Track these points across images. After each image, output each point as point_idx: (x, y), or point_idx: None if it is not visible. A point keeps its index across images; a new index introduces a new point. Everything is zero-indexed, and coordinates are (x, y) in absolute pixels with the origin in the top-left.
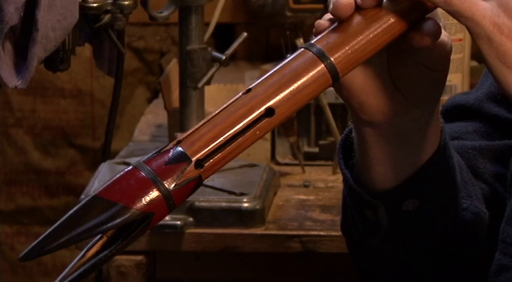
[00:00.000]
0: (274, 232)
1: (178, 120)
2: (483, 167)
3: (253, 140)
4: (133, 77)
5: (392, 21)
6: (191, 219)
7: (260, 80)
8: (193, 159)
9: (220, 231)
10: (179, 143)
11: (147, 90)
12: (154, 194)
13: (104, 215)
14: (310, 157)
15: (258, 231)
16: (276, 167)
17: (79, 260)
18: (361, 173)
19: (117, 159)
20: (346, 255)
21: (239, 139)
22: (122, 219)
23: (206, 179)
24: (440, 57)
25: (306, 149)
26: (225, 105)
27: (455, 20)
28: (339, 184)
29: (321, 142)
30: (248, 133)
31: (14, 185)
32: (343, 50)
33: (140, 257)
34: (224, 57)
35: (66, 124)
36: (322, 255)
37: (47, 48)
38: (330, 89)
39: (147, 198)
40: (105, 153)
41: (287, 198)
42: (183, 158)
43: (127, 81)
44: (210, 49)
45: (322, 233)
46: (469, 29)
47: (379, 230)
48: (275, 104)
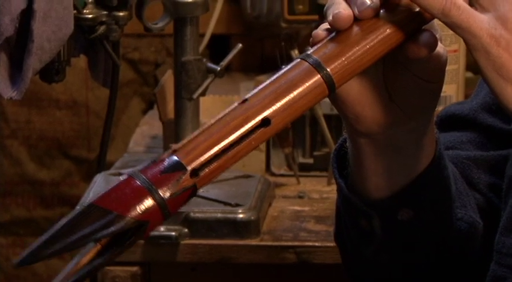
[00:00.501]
0: (269, 243)
1: (174, 131)
2: (477, 177)
3: (249, 150)
4: (128, 88)
5: (389, 32)
6: (186, 230)
7: (256, 90)
8: (189, 168)
9: (215, 242)
10: (175, 152)
11: (142, 101)
12: (149, 202)
13: (99, 222)
14: (305, 168)
15: (253, 242)
16: (271, 178)
17: (72, 267)
18: (355, 183)
19: (112, 171)
20: (340, 266)
21: (235, 149)
22: (117, 227)
23: (201, 189)
24: (436, 68)
25: (301, 160)
26: (221, 115)
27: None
28: (333, 195)
29: (315, 153)
30: (244, 143)
31: (9, 196)
32: (340, 61)
33: (135, 268)
34: (219, 69)
35: (61, 135)
36: (317, 266)
37: (42, 59)
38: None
39: (142, 207)
40: (100, 164)
41: (282, 209)
42: (179, 167)
43: (122, 92)
44: (205, 60)
45: (317, 244)
46: (465, 41)
47: (373, 239)
48: (271, 115)
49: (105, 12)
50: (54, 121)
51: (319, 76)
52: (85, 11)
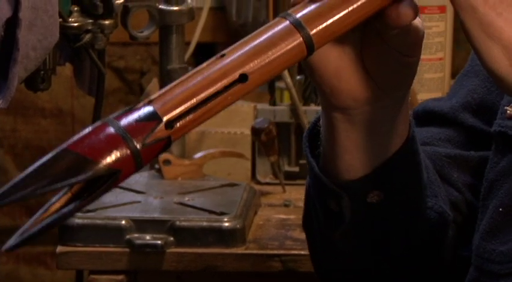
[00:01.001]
0: (254, 251)
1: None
2: (457, 176)
3: (225, 105)
4: (113, 96)
5: None
6: (172, 238)
7: (235, 46)
8: (164, 119)
9: (201, 250)
10: (151, 102)
11: None
12: (123, 150)
13: (71, 168)
14: (290, 176)
15: (239, 250)
16: (257, 187)
17: (41, 213)
18: (327, 162)
19: None
20: None
21: (211, 102)
22: (89, 173)
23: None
24: (413, 42)
25: (287, 168)
26: (199, 68)
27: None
28: None
29: (301, 161)
30: (220, 97)
31: None
32: (320, 22)
33: (121, 277)
34: None
35: (47, 144)
36: (303, 274)
37: (27, 67)
38: (309, 110)
39: (116, 154)
40: None
41: (268, 217)
42: (154, 116)
43: (107, 100)
44: (190, 68)
45: (302, 252)
46: (453, 1)
47: (342, 222)
48: (248, 70)
49: (90, 20)
50: (40, 130)
51: (299, 35)
52: (70, 20)
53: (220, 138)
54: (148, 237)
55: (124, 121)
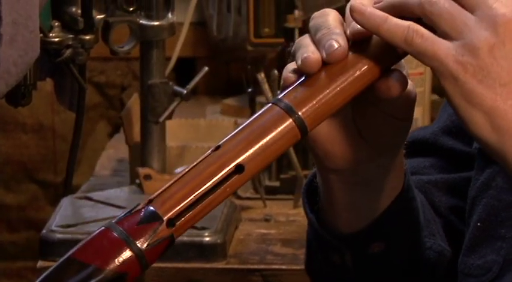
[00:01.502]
0: (235, 266)
1: (140, 154)
2: (438, 200)
3: (224, 197)
4: (94, 111)
5: (358, 73)
6: None
7: (229, 137)
8: (165, 218)
9: (181, 265)
10: (150, 202)
11: (108, 124)
12: (127, 254)
13: (78, 276)
14: (271, 191)
15: (220, 265)
16: (237, 201)
17: None
18: (326, 218)
19: (78, 194)
20: None
21: (210, 197)
22: (96, 280)
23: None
24: (405, 106)
25: (267, 183)
26: (195, 162)
27: None
28: (300, 218)
29: (282, 176)
30: (219, 190)
31: None
32: (311, 104)
33: None
34: (185, 92)
35: (27, 159)
36: None
37: (8, 83)
38: None
39: (120, 259)
40: (67, 188)
41: (248, 232)
42: (155, 217)
43: (88, 115)
44: (171, 83)
45: (283, 267)
46: (433, 68)
47: (345, 272)
48: (244, 161)
49: (71, 35)
50: (21, 145)
51: (291, 120)
52: (51, 35)
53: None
54: None
55: (126, 225)
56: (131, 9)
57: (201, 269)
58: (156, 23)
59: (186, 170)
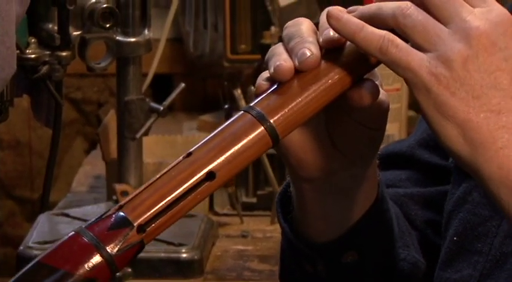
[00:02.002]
0: None
1: (117, 171)
2: (414, 214)
3: (194, 204)
4: (71, 128)
5: (331, 82)
6: (129, 270)
7: (200, 144)
8: (135, 224)
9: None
10: (121, 208)
11: (85, 141)
12: (97, 259)
13: (47, 281)
14: (248, 207)
15: (197, 281)
16: (214, 218)
17: None
18: (299, 227)
19: (55, 211)
20: None
21: (180, 203)
22: None
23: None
24: (378, 115)
25: (244, 199)
26: (166, 169)
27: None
28: (277, 234)
29: (259, 192)
30: (189, 197)
31: None
32: (283, 112)
33: None
34: (162, 108)
35: (4, 175)
36: None
37: None
38: None
39: (90, 264)
40: (44, 204)
41: (225, 248)
42: (125, 223)
43: (65, 132)
44: (147, 100)
45: None
46: (406, 79)
47: None
48: (216, 168)
49: (47, 52)
50: None
51: (263, 128)
52: (28, 51)
53: None
54: None
55: (96, 230)
56: (108, 25)
57: None
58: (132, 40)
59: (157, 176)
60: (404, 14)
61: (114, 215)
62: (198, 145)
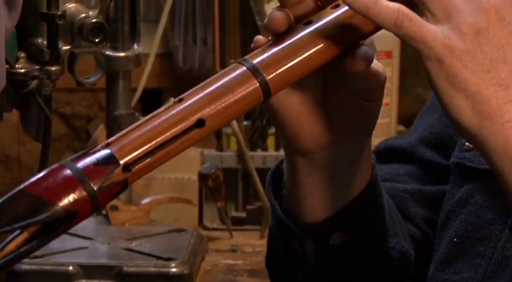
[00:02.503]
0: None
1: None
2: (414, 211)
3: (182, 149)
4: (60, 142)
5: (327, 43)
6: None
7: (192, 90)
8: (122, 162)
9: None
10: (108, 145)
11: None
12: (81, 193)
13: (29, 209)
14: (237, 222)
15: None
16: (204, 232)
17: None
18: (290, 205)
19: None
20: None
21: (168, 147)
22: (46, 215)
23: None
24: (374, 87)
25: (234, 214)
26: (157, 112)
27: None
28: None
29: (248, 207)
30: (178, 142)
31: None
32: (276, 68)
33: None
34: None
35: None
36: None
37: None
38: (256, 155)
39: (73, 197)
40: None
41: (215, 262)
42: (111, 160)
43: (54, 147)
44: (137, 114)
45: None
46: (419, 51)
47: (306, 263)
48: (205, 116)
49: (37, 66)
50: None
51: (256, 81)
52: (17, 66)
53: (168, 184)
54: None
55: (81, 164)
56: (97, 40)
57: None
58: (122, 54)
59: (147, 117)
60: None
61: (100, 151)
62: (190, 91)
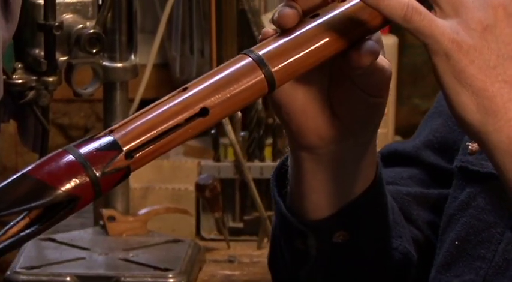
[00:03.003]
0: None
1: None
2: (417, 214)
3: (185, 138)
4: None
5: (333, 37)
6: None
7: (197, 80)
8: (124, 149)
9: None
10: (112, 131)
11: None
12: (83, 178)
13: (30, 193)
14: (235, 232)
15: None
16: (201, 243)
17: None
18: (294, 202)
19: (42, 236)
20: None
21: (171, 135)
22: (48, 199)
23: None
24: (379, 82)
25: (231, 224)
26: (161, 100)
27: None
28: (264, 259)
29: (245, 217)
30: (181, 130)
31: None
32: (282, 60)
33: None
34: None
35: None
36: None
37: None
38: (253, 166)
39: (75, 181)
40: None
41: (212, 273)
42: (114, 146)
43: None
44: None
45: None
46: (427, 45)
47: (308, 260)
48: (210, 105)
49: (34, 77)
50: None
51: (261, 72)
52: (14, 77)
53: (165, 195)
54: None
55: (84, 149)
56: (94, 51)
57: None
58: (119, 65)
59: (151, 106)
60: None
61: (103, 137)
62: (194, 81)
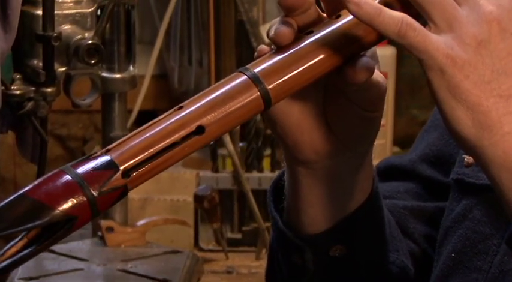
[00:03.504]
0: None
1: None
2: (413, 227)
3: (182, 156)
4: (56, 164)
5: (328, 53)
6: None
7: (193, 98)
8: (121, 168)
9: None
10: (108, 151)
11: None
12: (80, 198)
13: (28, 213)
14: (233, 243)
15: None
16: (200, 253)
17: None
18: (290, 216)
19: None
20: None
21: (168, 153)
22: (46, 219)
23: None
24: (375, 98)
25: (229, 235)
26: (157, 119)
27: None
28: (262, 270)
29: (244, 228)
30: (177, 148)
31: None
32: (278, 77)
33: None
34: None
35: None
36: None
37: None
38: (252, 177)
39: (72, 201)
40: None
41: None
42: (111, 165)
43: (50, 168)
44: None
45: None
46: (421, 61)
47: (305, 274)
48: (206, 123)
49: (32, 88)
50: None
51: (256, 90)
52: (13, 87)
53: (163, 206)
54: None
55: (81, 169)
56: (93, 62)
57: None
58: (117, 76)
59: (147, 124)
60: None
61: (100, 157)
62: (190, 99)
